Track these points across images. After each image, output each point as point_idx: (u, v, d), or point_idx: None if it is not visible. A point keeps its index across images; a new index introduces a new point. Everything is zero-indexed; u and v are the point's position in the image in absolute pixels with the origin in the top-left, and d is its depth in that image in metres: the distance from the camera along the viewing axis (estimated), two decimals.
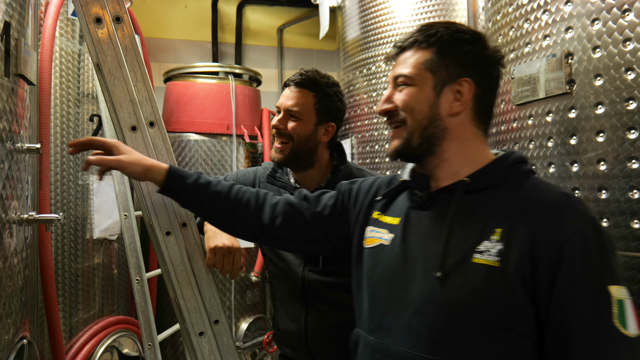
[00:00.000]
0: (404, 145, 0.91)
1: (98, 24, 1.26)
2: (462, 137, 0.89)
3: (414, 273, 0.87)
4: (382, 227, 0.97)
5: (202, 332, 1.26)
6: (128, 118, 1.27)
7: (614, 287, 0.77)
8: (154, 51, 3.55)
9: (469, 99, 0.88)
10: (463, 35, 0.89)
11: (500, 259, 0.79)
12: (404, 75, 0.90)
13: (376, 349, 0.90)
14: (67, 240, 2.00)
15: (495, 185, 0.87)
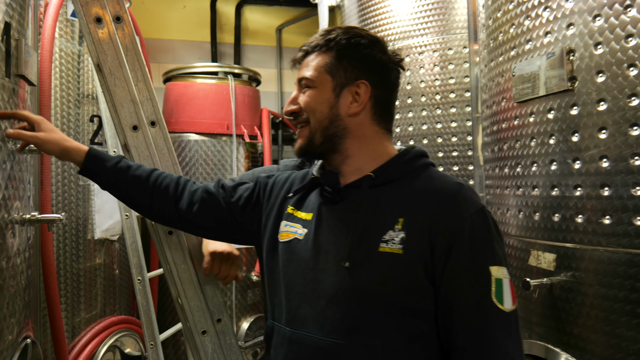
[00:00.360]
0: (308, 144, 0.97)
1: (98, 23, 1.26)
2: (363, 136, 0.96)
3: (327, 265, 0.92)
4: (296, 222, 1.01)
5: (205, 330, 1.27)
6: (129, 118, 1.27)
7: (495, 267, 0.86)
8: (153, 52, 3.54)
9: (366, 100, 0.94)
10: (360, 39, 0.95)
11: (403, 246, 0.87)
12: (306, 77, 0.96)
13: (292, 339, 0.94)
14: (69, 240, 2.00)
15: (397, 178, 0.94)
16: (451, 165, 2.27)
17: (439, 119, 2.27)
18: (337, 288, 0.90)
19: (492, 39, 1.52)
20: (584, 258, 1.16)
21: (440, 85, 2.27)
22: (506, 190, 1.48)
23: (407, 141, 2.35)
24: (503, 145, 1.48)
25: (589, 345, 1.16)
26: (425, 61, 2.31)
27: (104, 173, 1.14)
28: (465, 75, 2.24)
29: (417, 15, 2.35)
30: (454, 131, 2.26)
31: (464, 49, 2.25)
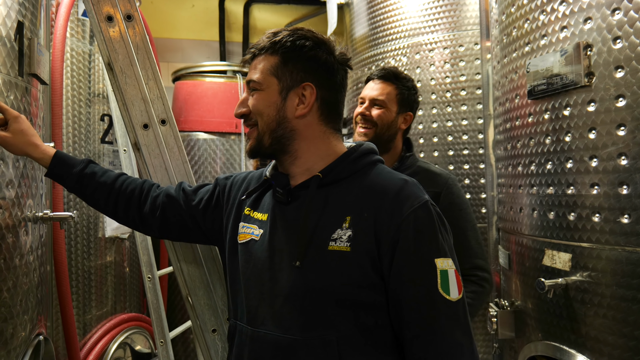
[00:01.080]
0: (257, 146, 0.98)
1: (109, 22, 1.26)
2: (311, 136, 0.97)
3: (281, 264, 0.94)
4: (252, 222, 1.03)
5: (215, 329, 1.26)
6: (140, 116, 1.27)
7: (440, 259, 0.90)
8: (162, 51, 3.56)
9: (313, 102, 0.96)
10: (305, 41, 0.96)
11: (350, 243, 0.89)
12: (253, 80, 0.97)
13: (254, 338, 0.96)
14: (80, 238, 2.01)
15: (345, 177, 0.95)
16: (462, 163, 2.25)
17: (449, 117, 2.25)
18: (292, 287, 0.92)
19: (505, 35, 1.50)
20: (601, 258, 1.14)
21: (450, 82, 2.25)
22: (519, 189, 1.46)
23: (417, 139, 2.33)
24: (516, 143, 1.46)
25: (605, 347, 1.13)
26: (435, 58, 2.29)
27: (69, 178, 1.15)
28: (477, 73, 2.22)
29: (427, 11, 2.33)
30: (464, 129, 2.23)
31: (475, 46, 2.22)
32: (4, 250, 1.03)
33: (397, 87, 1.59)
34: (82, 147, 2.07)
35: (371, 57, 2.58)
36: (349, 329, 0.90)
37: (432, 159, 2.30)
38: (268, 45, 0.97)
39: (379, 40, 2.53)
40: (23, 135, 1.10)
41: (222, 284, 1.30)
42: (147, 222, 1.16)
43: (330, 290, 0.90)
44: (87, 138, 2.10)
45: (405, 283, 0.89)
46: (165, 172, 1.26)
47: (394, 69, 1.61)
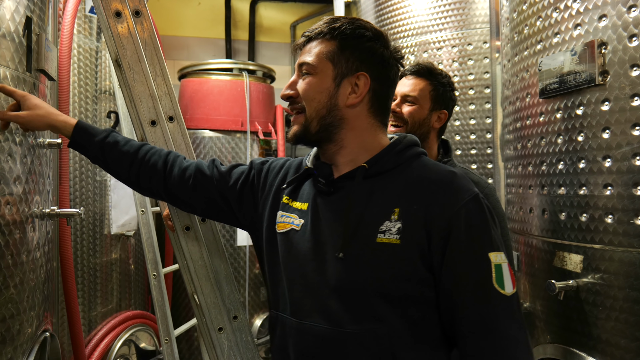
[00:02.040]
0: (303, 131, 0.96)
1: (118, 18, 1.25)
2: (359, 127, 0.95)
3: (325, 256, 0.93)
4: (292, 212, 1.01)
5: (221, 327, 1.25)
6: (147, 112, 1.26)
7: (493, 253, 0.87)
8: (168, 49, 3.55)
9: (365, 93, 0.94)
10: (364, 31, 0.94)
11: (400, 236, 0.87)
12: (307, 63, 0.95)
13: (300, 330, 0.95)
14: (86, 235, 2.01)
15: (391, 169, 0.94)
16: (469, 163, 2.23)
17: (457, 116, 2.23)
18: (337, 279, 0.91)
19: (516, 33, 1.48)
20: (613, 260, 1.12)
21: (459, 81, 2.23)
22: (530, 190, 1.44)
23: None
24: (527, 143, 1.44)
25: (617, 351, 1.12)
26: (443, 57, 2.27)
27: (91, 147, 1.13)
28: (485, 71, 2.19)
29: (435, 9, 2.31)
30: (472, 128, 2.21)
31: (484, 45, 2.20)
32: (11, 247, 1.03)
33: (431, 83, 1.52)
34: None
35: None
36: (398, 323, 0.89)
37: None
38: (326, 30, 0.95)
39: None
40: (39, 108, 1.09)
41: (229, 282, 1.29)
42: (173, 193, 1.13)
43: (377, 283, 0.89)
44: None
45: (458, 278, 0.87)
46: None
47: (429, 63, 1.55)
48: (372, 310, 0.89)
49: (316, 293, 0.93)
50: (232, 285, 1.29)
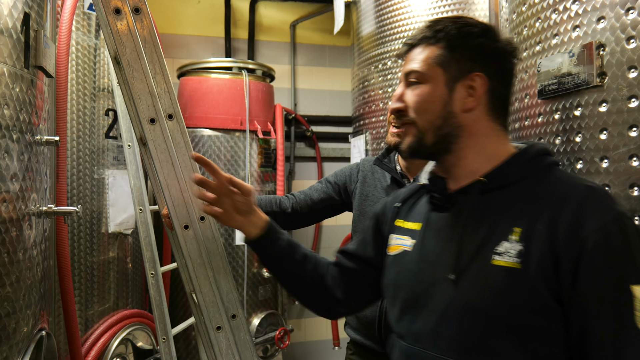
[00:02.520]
0: (417, 144, 0.89)
1: (117, 15, 1.25)
2: (479, 133, 0.87)
3: (435, 277, 0.86)
4: (404, 233, 0.96)
5: (219, 326, 1.25)
6: (147, 110, 1.25)
7: (638, 287, 0.73)
8: (167, 47, 3.55)
9: (483, 94, 0.86)
10: (472, 28, 0.87)
11: (521, 260, 0.76)
12: (415, 71, 0.88)
13: (408, 354, 0.89)
14: (83, 233, 2.00)
15: (515, 182, 0.84)
16: None
17: None
18: (448, 303, 0.83)
19: (516, 34, 1.48)
20: None
21: None
22: None
23: None
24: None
25: None
26: None
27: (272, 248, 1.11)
28: None
29: (435, 11, 2.31)
30: None
31: None
32: (8, 244, 1.03)
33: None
34: (87, 141, 2.06)
35: (378, 56, 2.56)
36: (517, 357, 0.77)
37: None
38: (430, 34, 0.87)
39: (386, 39, 2.51)
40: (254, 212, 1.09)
41: (228, 281, 1.29)
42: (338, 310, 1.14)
43: (493, 310, 0.78)
44: (91, 132, 2.09)
45: (592, 313, 0.74)
46: (172, 167, 1.25)
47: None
48: (486, 340, 0.79)
49: (425, 317, 0.86)
50: (230, 284, 1.29)
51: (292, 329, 3.01)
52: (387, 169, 1.52)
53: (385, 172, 1.54)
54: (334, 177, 1.72)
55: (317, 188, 1.72)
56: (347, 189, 1.70)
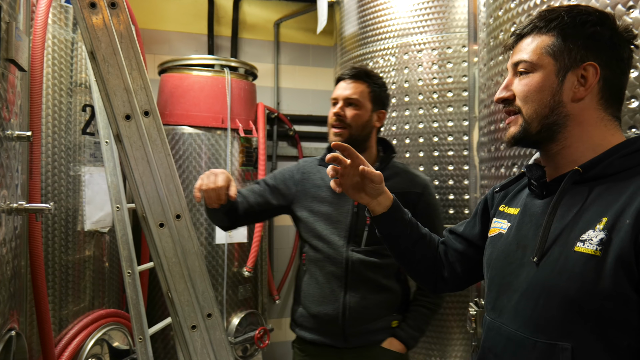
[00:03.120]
0: (522, 133, 0.90)
1: (92, 9, 1.23)
2: (586, 122, 0.86)
3: (523, 259, 0.90)
4: (503, 217, 1.01)
5: (194, 325, 1.24)
6: (122, 107, 1.24)
7: None
8: (148, 42, 3.50)
9: (594, 83, 0.85)
10: (587, 17, 0.86)
11: (602, 247, 0.77)
12: (524, 60, 0.88)
13: (490, 327, 0.96)
14: (58, 231, 1.96)
15: (614, 173, 0.83)
16: (446, 164, 2.26)
17: (435, 118, 2.26)
18: (529, 283, 0.87)
19: (492, 38, 1.51)
20: None
21: (438, 83, 2.26)
22: None
23: (403, 139, 2.34)
24: (500, 145, 1.47)
25: None
26: (423, 59, 2.30)
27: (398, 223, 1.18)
28: (464, 75, 2.23)
29: (416, 12, 2.34)
30: (450, 130, 2.25)
31: (462, 48, 2.24)
32: None
33: (369, 85, 1.60)
34: (62, 137, 2.02)
35: (360, 56, 2.58)
36: (590, 342, 0.78)
37: (418, 159, 2.31)
38: (542, 24, 0.87)
39: (368, 40, 2.53)
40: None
41: (203, 280, 1.28)
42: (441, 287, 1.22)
43: (568, 294, 0.80)
44: (67, 129, 2.05)
45: None
46: (147, 164, 1.24)
47: (364, 67, 1.64)
48: (559, 321, 0.81)
49: (508, 295, 0.91)
50: (206, 283, 1.28)
51: (272, 328, 3.00)
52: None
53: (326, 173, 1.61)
54: (273, 180, 1.71)
55: (255, 190, 1.70)
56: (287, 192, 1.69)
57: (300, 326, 1.65)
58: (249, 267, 2.76)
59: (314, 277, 1.59)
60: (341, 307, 1.52)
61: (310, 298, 1.60)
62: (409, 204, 1.52)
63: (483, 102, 1.65)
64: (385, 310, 1.58)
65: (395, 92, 2.36)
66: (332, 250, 1.54)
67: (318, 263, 1.58)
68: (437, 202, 1.65)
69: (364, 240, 1.52)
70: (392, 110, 2.36)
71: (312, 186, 1.64)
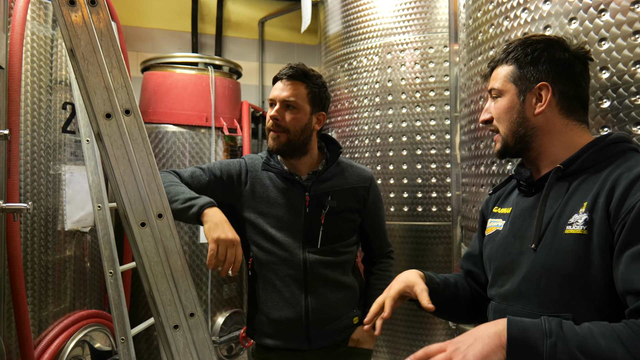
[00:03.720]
0: (503, 148, 1.07)
1: (72, 6, 1.21)
2: (554, 130, 1.02)
3: (522, 248, 1.02)
4: (498, 217, 1.14)
5: (177, 325, 1.24)
6: (102, 105, 1.22)
7: None
8: (132, 40, 3.46)
9: (549, 99, 1.00)
10: (537, 45, 1.02)
11: (587, 227, 0.90)
12: (494, 88, 1.07)
13: (496, 310, 1.07)
14: (37, 231, 1.93)
15: (590, 166, 0.97)
16: (429, 163, 2.29)
17: (418, 117, 2.29)
18: (530, 266, 0.98)
19: (471, 39, 1.54)
20: None
21: (420, 83, 2.29)
22: (481, 188, 1.50)
23: (387, 138, 2.37)
24: (480, 144, 1.50)
25: None
26: (406, 59, 2.32)
27: None
28: (445, 74, 2.26)
29: (399, 13, 2.36)
30: (432, 129, 2.28)
31: (444, 48, 2.27)
32: None
33: (308, 86, 1.47)
34: (42, 136, 1.98)
35: (344, 55, 2.59)
36: (588, 312, 0.90)
37: (401, 158, 2.33)
38: (504, 56, 1.06)
39: (352, 39, 2.55)
40: None
41: (186, 279, 1.28)
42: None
43: (565, 271, 0.92)
44: (47, 127, 2.02)
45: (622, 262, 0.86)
46: (129, 163, 1.23)
47: (302, 65, 1.48)
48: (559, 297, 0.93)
49: (512, 279, 1.02)
50: (189, 282, 1.28)
51: None
52: (277, 171, 1.51)
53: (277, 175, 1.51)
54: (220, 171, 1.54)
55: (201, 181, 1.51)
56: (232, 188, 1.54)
57: (260, 333, 1.55)
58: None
59: (270, 282, 1.50)
60: (303, 310, 1.46)
61: (268, 304, 1.50)
62: (359, 198, 1.53)
63: (464, 102, 1.67)
64: (347, 307, 1.54)
65: (379, 91, 2.38)
66: (287, 253, 1.46)
67: (272, 267, 1.49)
68: (379, 192, 1.65)
69: (319, 240, 1.46)
70: (376, 109, 2.38)
71: (260, 186, 1.53)
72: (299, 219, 1.47)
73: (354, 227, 1.56)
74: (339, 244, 1.50)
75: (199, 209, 1.33)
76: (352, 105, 2.51)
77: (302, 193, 1.48)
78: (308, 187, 1.48)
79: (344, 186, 1.51)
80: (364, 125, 2.45)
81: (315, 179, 1.50)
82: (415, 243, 2.34)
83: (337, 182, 1.51)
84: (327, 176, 1.51)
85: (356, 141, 2.49)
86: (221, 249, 1.25)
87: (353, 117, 2.51)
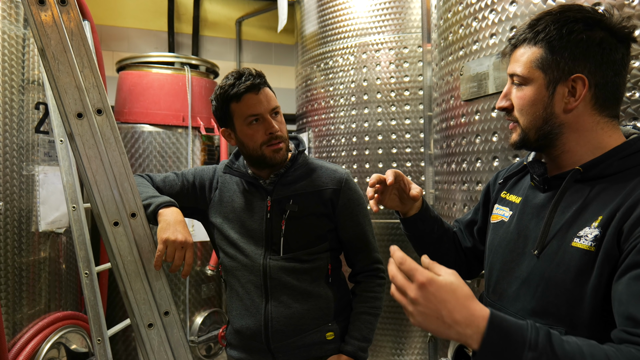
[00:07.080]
0: (522, 140, 0.93)
1: (41, 5, 1.20)
2: (582, 128, 0.89)
3: (525, 249, 0.94)
4: (505, 204, 1.04)
5: (151, 323, 1.24)
6: (74, 105, 1.22)
7: None
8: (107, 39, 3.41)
9: (584, 94, 0.86)
10: (574, 25, 0.85)
11: (596, 244, 0.81)
12: (517, 74, 0.91)
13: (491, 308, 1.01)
14: (10, 232, 1.90)
15: (613, 173, 0.86)
16: (404, 161, 2.33)
17: (393, 116, 2.33)
18: (530, 272, 0.91)
19: (442, 39, 1.58)
20: None
21: (395, 82, 2.33)
22: (453, 186, 1.54)
23: (363, 137, 2.40)
24: (451, 142, 1.54)
25: None
26: (381, 59, 2.36)
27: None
28: (419, 74, 2.31)
29: (374, 13, 2.40)
30: (407, 128, 2.32)
31: (418, 48, 2.31)
32: None
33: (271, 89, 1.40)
34: (14, 136, 1.95)
35: (320, 55, 2.61)
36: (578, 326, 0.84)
37: (377, 157, 2.37)
38: (530, 35, 0.88)
39: (328, 39, 2.57)
40: None
41: (160, 278, 1.28)
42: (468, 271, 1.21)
43: (565, 285, 0.84)
44: (19, 127, 1.98)
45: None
46: (101, 163, 1.22)
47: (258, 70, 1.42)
48: (555, 308, 0.86)
49: (510, 281, 0.95)
50: (163, 281, 1.28)
51: None
52: (239, 174, 1.44)
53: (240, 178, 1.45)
54: (193, 177, 1.52)
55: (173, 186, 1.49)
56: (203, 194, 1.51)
57: (229, 345, 1.48)
58: (212, 266, 2.75)
59: (234, 289, 1.44)
60: (263, 319, 1.36)
61: (233, 312, 1.44)
62: (326, 201, 1.39)
63: (436, 101, 1.72)
64: (317, 319, 1.38)
65: (355, 90, 2.41)
66: (247, 259, 1.39)
67: (235, 273, 1.43)
68: (359, 196, 1.45)
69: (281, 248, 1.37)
70: (352, 109, 2.41)
71: (227, 191, 1.48)
72: (261, 225, 1.40)
73: (323, 233, 1.40)
74: (302, 252, 1.37)
75: (155, 208, 1.29)
76: (328, 105, 2.54)
77: (265, 198, 1.40)
78: (270, 191, 1.40)
79: (308, 189, 1.40)
80: (340, 125, 2.48)
81: (278, 182, 1.40)
82: (392, 241, 2.38)
83: (301, 186, 1.41)
84: (291, 179, 1.41)
85: (332, 140, 2.51)
86: (169, 250, 1.20)
87: (329, 117, 2.53)
